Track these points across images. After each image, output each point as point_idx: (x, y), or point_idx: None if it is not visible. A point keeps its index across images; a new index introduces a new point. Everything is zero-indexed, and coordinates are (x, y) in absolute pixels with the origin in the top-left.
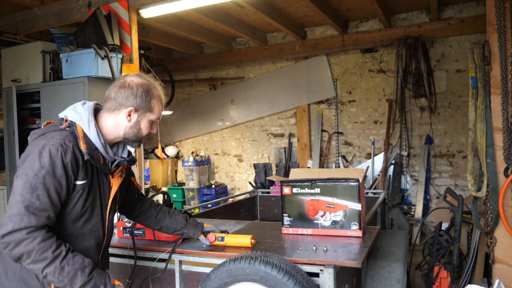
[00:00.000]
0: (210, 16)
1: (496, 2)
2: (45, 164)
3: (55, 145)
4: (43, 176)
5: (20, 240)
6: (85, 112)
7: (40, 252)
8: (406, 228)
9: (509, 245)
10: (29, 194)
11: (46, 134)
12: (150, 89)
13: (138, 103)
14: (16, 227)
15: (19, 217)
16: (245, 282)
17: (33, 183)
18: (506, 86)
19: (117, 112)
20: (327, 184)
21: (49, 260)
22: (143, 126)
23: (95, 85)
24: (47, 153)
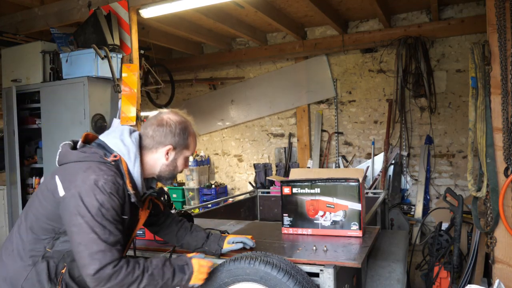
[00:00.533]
0: (210, 16)
1: (496, 2)
2: (104, 201)
3: (108, 183)
4: (104, 213)
5: (110, 275)
6: (132, 148)
7: (130, 276)
8: (406, 228)
9: (509, 245)
10: (101, 230)
11: (92, 166)
12: (187, 126)
13: (176, 141)
14: (103, 264)
15: (101, 254)
16: (245, 282)
17: (100, 220)
18: (506, 86)
19: (155, 150)
20: (327, 184)
21: (140, 277)
22: (179, 163)
23: (95, 85)
24: (103, 190)
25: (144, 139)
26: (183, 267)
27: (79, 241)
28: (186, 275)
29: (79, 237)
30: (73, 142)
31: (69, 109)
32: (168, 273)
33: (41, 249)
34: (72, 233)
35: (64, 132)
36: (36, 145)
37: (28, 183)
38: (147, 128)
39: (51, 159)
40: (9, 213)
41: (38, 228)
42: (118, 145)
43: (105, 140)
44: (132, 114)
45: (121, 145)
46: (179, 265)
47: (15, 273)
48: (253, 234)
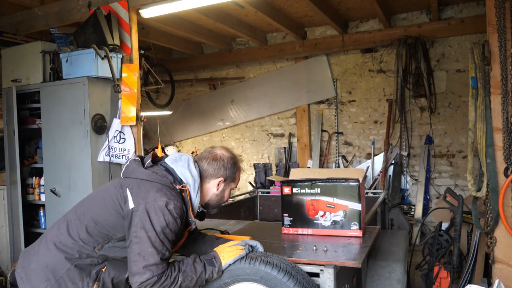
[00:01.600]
0: (210, 16)
1: (496, 2)
2: (170, 222)
3: (177, 208)
4: (168, 233)
5: (155, 282)
6: (198, 180)
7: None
8: (406, 228)
9: (509, 245)
10: (160, 247)
11: (164, 189)
12: (236, 162)
13: (227, 174)
14: (154, 275)
15: (155, 267)
16: (246, 282)
17: (162, 238)
18: (506, 86)
19: (208, 181)
20: (327, 184)
21: (177, 278)
22: (226, 194)
23: (95, 85)
24: (171, 214)
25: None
26: (211, 261)
27: (138, 252)
28: (216, 266)
29: (139, 248)
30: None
31: (69, 109)
32: (199, 268)
33: (90, 249)
34: (133, 243)
35: (64, 132)
36: (36, 145)
37: (28, 183)
38: (202, 161)
39: (51, 159)
40: (9, 213)
41: (95, 231)
42: (186, 175)
43: (174, 167)
44: (132, 114)
45: (188, 176)
46: (207, 259)
47: (58, 263)
48: (253, 234)
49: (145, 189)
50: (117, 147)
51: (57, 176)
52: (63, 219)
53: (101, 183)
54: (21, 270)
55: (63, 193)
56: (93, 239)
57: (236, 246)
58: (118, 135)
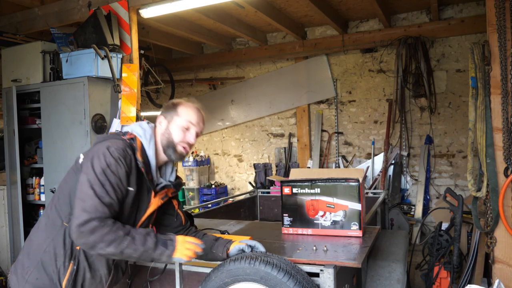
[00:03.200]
0: (210, 16)
1: (496, 2)
2: (111, 164)
3: (118, 149)
4: (109, 174)
5: (95, 227)
6: (149, 130)
7: (112, 234)
8: (406, 228)
9: (509, 245)
10: (99, 189)
11: (110, 139)
12: (180, 101)
13: (166, 111)
14: (91, 217)
15: (93, 208)
16: (245, 282)
17: (102, 180)
18: (506, 86)
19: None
20: (327, 184)
21: (121, 237)
22: (173, 130)
23: (95, 85)
24: (112, 154)
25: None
26: (166, 242)
27: (78, 196)
28: (168, 249)
29: (79, 193)
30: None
31: (69, 109)
32: (150, 243)
33: (59, 223)
34: (77, 190)
35: (64, 132)
36: (36, 145)
37: (28, 183)
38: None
39: (51, 159)
40: (9, 213)
41: (60, 204)
42: (136, 127)
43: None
44: (132, 114)
45: (138, 128)
46: (163, 239)
47: (37, 247)
48: (253, 234)
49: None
50: None
51: (57, 176)
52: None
53: None
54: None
55: None
56: (60, 212)
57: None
58: None
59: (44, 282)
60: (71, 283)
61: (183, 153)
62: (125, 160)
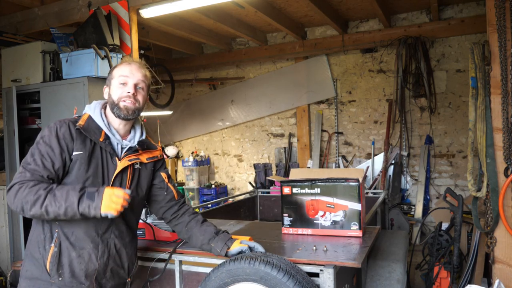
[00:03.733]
0: (210, 16)
1: (496, 2)
2: (44, 135)
3: (55, 122)
4: (40, 143)
5: (17, 191)
6: (95, 103)
7: (32, 194)
8: (406, 228)
9: (509, 245)
10: (29, 158)
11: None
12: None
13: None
14: (15, 182)
15: (18, 175)
16: (245, 282)
17: (33, 149)
18: (506, 86)
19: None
20: (327, 184)
21: (43, 196)
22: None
23: (95, 85)
24: (47, 128)
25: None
26: (92, 194)
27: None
28: (94, 202)
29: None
30: None
31: (69, 109)
32: (72, 196)
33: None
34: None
35: None
36: None
37: None
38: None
39: None
40: (9, 213)
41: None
42: (86, 107)
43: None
44: None
45: (87, 107)
46: (89, 192)
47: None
48: (253, 234)
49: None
50: None
51: None
52: None
53: None
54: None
55: None
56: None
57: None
58: None
59: (33, 271)
60: (55, 266)
61: (128, 106)
62: (59, 129)
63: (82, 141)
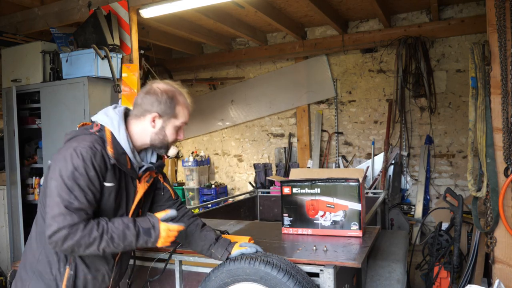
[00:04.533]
0: (210, 16)
1: (496, 2)
2: (78, 166)
3: (85, 148)
4: (77, 177)
5: (66, 236)
6: (115, 117)
7: (87, 238)
8: (406, 228)
9: (509, 245)
10: (67, 195)
11: (77, 137)
12: (175, 95)
13: (162, 109)
14: (60, 226)
15: (61, 217)
16: (245, 282)
17: (69, 185)
18: (506, 86)
19: (143, 118)
20: (327, 184)
21: (98, 239)
22: (169, 132)
23: (95, 85)
24: (78, 155)
25: (133, 109)
26: (149, 230)
27: (47, 203)
28: (151, 238)
29: (48, 200)
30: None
31: (69, 109)
32: (130, 237)
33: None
34: (46, 197)
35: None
36: (36, 145)
37: (28, 183)
38: (137, 97)
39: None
40: (9, 213)
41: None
42: (102, 117)
43: (93, 118)
44: None
45: (104, 117)
46: (144, 228)
47: (31, 257)
48: (253, 234)
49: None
50: None
51: None
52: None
53: None
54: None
55: None
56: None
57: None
58: None
59: None
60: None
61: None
62: (94, 158)
63: (113, 171)
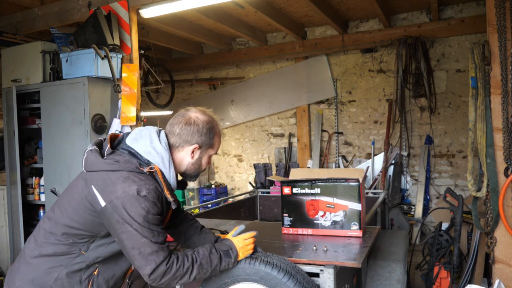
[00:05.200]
0: (210, 16)
1: (496, 2)
2: (149, 209)
3: (151, 192)
4: (151, 218)
5: (164, 271)
6: (166, 155)
7: (181, 269)
8: (406, 228)
9: (509, 245)
10: (150, 234)
11: (130, 176)
12: (214, 126)
13: (202, 141)
14: (158, 263)
15: (155, 254)
16: (245, 282)
17: (148, 226)
18: (506, 86)
19: (181, 148)
20: (327, 184)
21: (190, 268)
22: (204, 161)
23: (95, 85)
24: (146, 199)
25: (171, 137)
26: (228, 252)
27: (131, 246)
28: (232, 258)
29: (131, 243)
30: (97, 145)
31: (69, 109)
32: (215, 260)
33: (76, 251)
34: (122, 240)
35: (64, 132)
36: (36, 145)
37: (28, 183)
38: (174, 126)
39: (51, 159)
40: (9, 213)
41: (75, 236)
42: (151, 154)
43: (135, 147)
44: (132, 114)
45: (154, 154)
46: (223, 250)
47: (44, 274)
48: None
49: (111, 181)
50: None
51: (57, 176)
52: (37, 230)
53: None
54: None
55: None
56: (76, 243)
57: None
58: None
59: None
60: None
61: None
62: (159, 200)
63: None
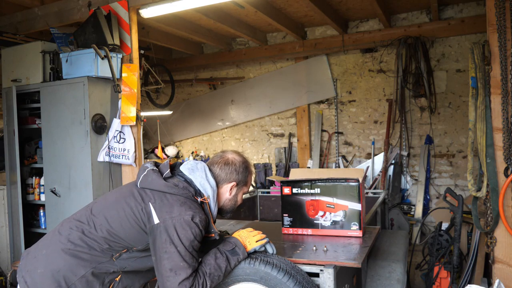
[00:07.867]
0: (210, 16)
1: (496, 2)
2: (197, 235)
3: (202, 221)
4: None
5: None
6: (215, 190)
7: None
8: (406, 228)
9: (509, 245)
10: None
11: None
12: (248, 165)
13: (239, 179)
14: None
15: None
16: (245, 282)
17: (191, 251)
18: (506, 86)
19: (220, 186)
20: (327, 184)
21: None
22: (239, 198)
23: (95, 85)
24: (198, 225)
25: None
26: (234, 250)
27: (170, 267)
28: (239, 254)
29: (171, 264)
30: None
31: (69, 109)
32: (223, 264)
33: (108, 257)
34: (163, 259)
35: (64, 132)
36: (36, 145)
37: (28, 183)
38: (214, 166)
39: (51, 159)
40: (9, 213)
41: (114, 243)
42: (206, 186)
43: (192, 178)
44: (132, 114)
45: (208, 187)
46: (228, 250)
47: (71, 269)
48: None
49: (169, 203)
50: (117, 147)
51: (57, 176)
52: (74, 224)
53: (101, 183)
54: (25, 273)
55: (63, 193)
56: (112, 249)
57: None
58: (118, 135)
59: None
60: None
61: None
62: (205, 229)
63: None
